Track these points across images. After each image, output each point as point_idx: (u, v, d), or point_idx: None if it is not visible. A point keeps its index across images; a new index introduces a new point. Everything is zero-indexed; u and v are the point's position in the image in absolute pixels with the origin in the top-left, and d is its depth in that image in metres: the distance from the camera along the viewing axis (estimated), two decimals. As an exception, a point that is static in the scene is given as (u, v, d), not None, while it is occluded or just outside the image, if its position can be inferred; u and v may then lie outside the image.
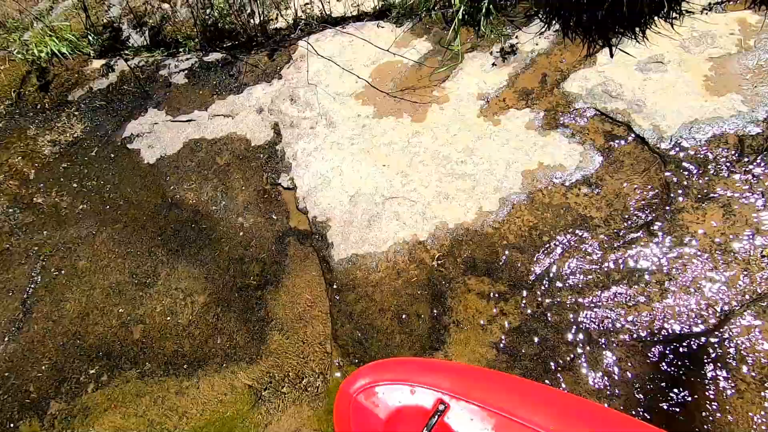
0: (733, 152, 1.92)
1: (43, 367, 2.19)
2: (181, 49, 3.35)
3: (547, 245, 1.94)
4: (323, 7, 3.03)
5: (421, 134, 2.39)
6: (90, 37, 3.47)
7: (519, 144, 2.21)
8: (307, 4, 3.17)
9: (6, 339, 2.32)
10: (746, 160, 1.89)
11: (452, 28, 2.61)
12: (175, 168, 2.68)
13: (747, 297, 1.67)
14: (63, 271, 2.45)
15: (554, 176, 2.09)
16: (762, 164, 1.87)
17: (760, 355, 1.59)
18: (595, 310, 1.79)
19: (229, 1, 3.05)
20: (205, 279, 2.29)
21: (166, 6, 3.58)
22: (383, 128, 2.47)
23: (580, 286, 1.84)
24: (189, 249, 2.39)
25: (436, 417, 1.28)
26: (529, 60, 2.44)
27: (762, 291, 1.65)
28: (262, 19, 3.16)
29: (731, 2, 2.24)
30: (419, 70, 2.63)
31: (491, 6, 2.61)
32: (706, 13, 2.24)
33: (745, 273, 1.71)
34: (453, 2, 2.68)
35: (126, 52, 3.43)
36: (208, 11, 3.29)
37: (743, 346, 1.61)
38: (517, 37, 2.54)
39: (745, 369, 1.58)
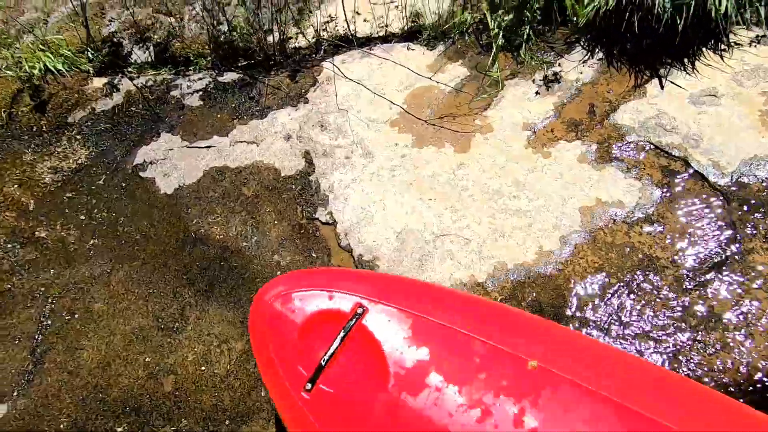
0: (796, 190, 1.90)
1: (62, 426, 1.96)
2: (191, 68, 3.14)
3: (616, 288, 1.86)
4: (348, 26, 2.89)
5: (467, 166, 2.28)
6: (89, 53, 3.22)
7: (573, 178, 2.14)
8: (328, 22, 3.03)
9: (15, 394, 2.07)
10: (811, 199, 1.87)
11: (492, 54, 2.52)
12: (196, 199, 2.48)
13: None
14: (76, 315, 2.22)
15: (614, 214, 2.02)
16: (828, 204, 1.85)
17: None
18: (668, 354, 1.72)
19: (248, 18, 2.87)
20: (240, 323, 2.10)
21: (171, 20, 3.36)
22: (425, 159, 2.35)
23: (651, 330, 1.77)
24: (220, 290, 2.20)
25: (354, 320, 1.27)
26: (574, 89, 2.38)
27: None
28: (281, 37, 3.00)
29: (776, 35, 2.24)
30: (457, 96, 2.53)
31: (532, 32, 2.53)
32: (755, 46, 2.23)
33: (823, 318, 1.68)
34: (490, 26, 2.60)
35: (129, 69, 3.20)
36: (221, 27, 3.11)
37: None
38: (559, 64, 2.47)
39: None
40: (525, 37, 2.53)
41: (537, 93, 2.43)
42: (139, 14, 3.35)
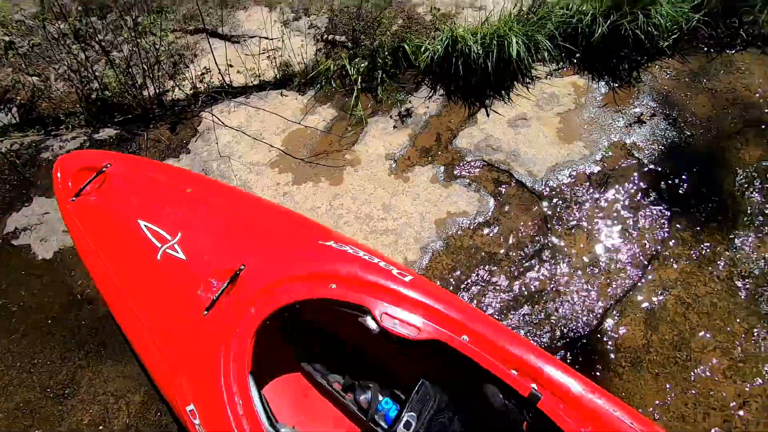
0: (585, 186, 2.50)
1: None
2: (62, 127, 3.09)
3: (466, 282, 2.27)
4: (223, 78, 3.10)
5: (341, 196, 2.60)
6: (-61, 119, 3.02)
7: (427, 197, 2.55)
8: (204, 74, 3.21)
9: None
10: (593, 191, 2.47)
11: (354, 96, 2.90)
12: (80, 260, 2.47)
13: (612, 301, 2.18)
14: (-53, 405, 2.08)
15: (461, 222, 2.46)
16: (604, 194, 2.46)
17: (627, 343, 2.08)
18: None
19: (120, 78, 2.94)
20: (138, 375, 2.15)
21: (35, 80, 3.28)
22: (304, 194, 2.62)
23: (493, 313, 2.20)
24: (113, 346, 2.22)
25: (104, 169, 1.99)
26: (423, 121, 2.84)
27: (620, 294, 2.18)
28: (157, 91, 3.10)
29: (564, 69, 2.91)
30: (329, 135, 2.86)
31: (384, 75, 2.97)
32: (550, 78, 2.88)
33: (608, 282, 2.24)
34: (350, 72, 2.99)
35: (-10, 133, 3.06)
36: (92, 85, 3.12)
37: (616, 337, 2.10)
38: (410, 101, 2.93)
39: (620, 356, 2.06)
40: (379, 79, 2.96)
41: (395, 127, 2.85)
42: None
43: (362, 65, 2.99)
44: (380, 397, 1.71)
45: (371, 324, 1.50)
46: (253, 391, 1.43)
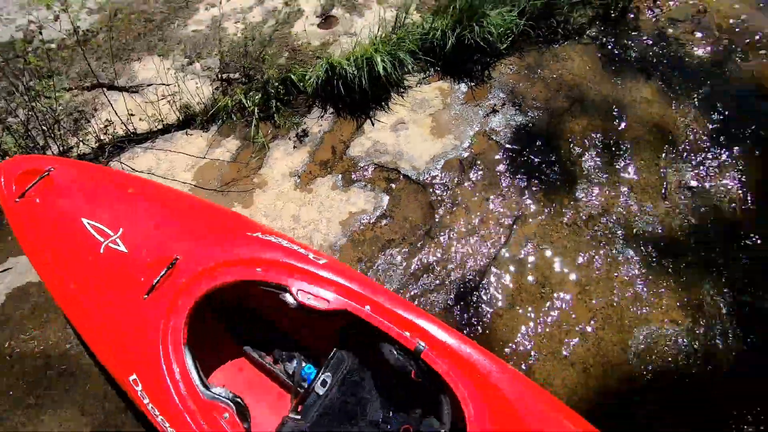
0: (459, 171, 2.99)
1: None
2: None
3: (372, 266, 2.66)
4: (126, 127, 3.28)
5: (254, 216, 2.88)
6: None
7: (330, 203, 2.92)
8: (107, 126, 3.36)
9: None
10: (465, 174, 2.97)
11: (253, 126, 3.22)
12: (3, 324, 2.54)
13: (489, 260, 2.66)
14: None
15: (362, 219, 2.84)
16: (474, 175, 2.97)
17: (503, 290, 2.56)
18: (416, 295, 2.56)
19: (20, 142, 3.03)
20: (81, 415, 2.28)
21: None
22: (220, 220, 2.88)
23: (400, 285, 2.59)
24: (52, 396, 2.33)
25: (47, 173, 2.17)
26: (319, 138, 3.21)
27: (494, 253, 2.67)
28: (61, 149, 3.21)
29: (431, 76, 3.43)
30: (236, 164, 3.14)
31: (279, 103, 3.32)
32: (419, 86, 3.38)
33: (485, 243, 2.72)
34: (246, 105, 3.30)
35: None
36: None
37: (495, 287, 2.57)
38: (305, 123, 3.30)
39: (499, 300, 2.53)
40: (275, 107, 3.30)
41: (294, 147, 3.20)
42: None
43: (257, 97, 3.31)
44: (304, 365, 2.03)
45: (289, 299, 1.82)
46: (188, 359, 1.69)
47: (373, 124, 3.24)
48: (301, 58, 3.52)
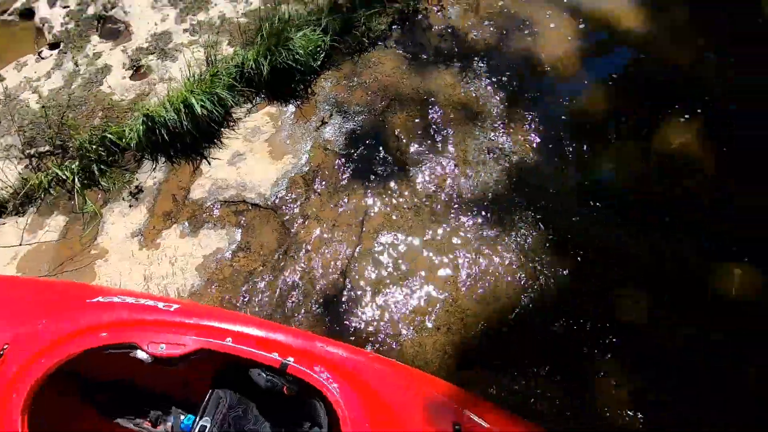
0: (303, 186, 3.13)
1: None
2: None
3: (237, 301, 2.65)
4: None
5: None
6: None
7: (183, 251, 2.84)
8: None
9: None
10: (310, 187, 3.12)
11: (77, 196, 2.98)
12: None
13: (347, 260, 2.84)
14: None
15: (218, 257, 2.82)
16: (318, 186, 3.13)
17: (366, 283, 2.76)
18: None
19: None
20: None
21: None
22: (59, 305, 2.62)
23: (270, 309, 2.64)
24: None
25: None
26: (155, 191, 3.10)
27: (350, 253, 2.86)
28: None
29: (258, 104, 3.52)
30: (66, 241, 2.88)
31: (102, 166, 3.12)
32: (249, 115, 3.45)
33: (341, 245, 2.89)
34: (64, 176, 3.05)
35: None
36: None
37: (358, 282, 2.76)
38: (137, 178, 3.15)
39: (365, 294, 2.72)
40: (98, 171, 3.10)
41: (130, 206, 3.05)
42: None
43: (74, 165, 3.08)
44: (182, 417, 1.97)
45: (141, 355, 1.75)
46: None
47: (209, 163, 3.23)
48: (116, 115, 3.36)
